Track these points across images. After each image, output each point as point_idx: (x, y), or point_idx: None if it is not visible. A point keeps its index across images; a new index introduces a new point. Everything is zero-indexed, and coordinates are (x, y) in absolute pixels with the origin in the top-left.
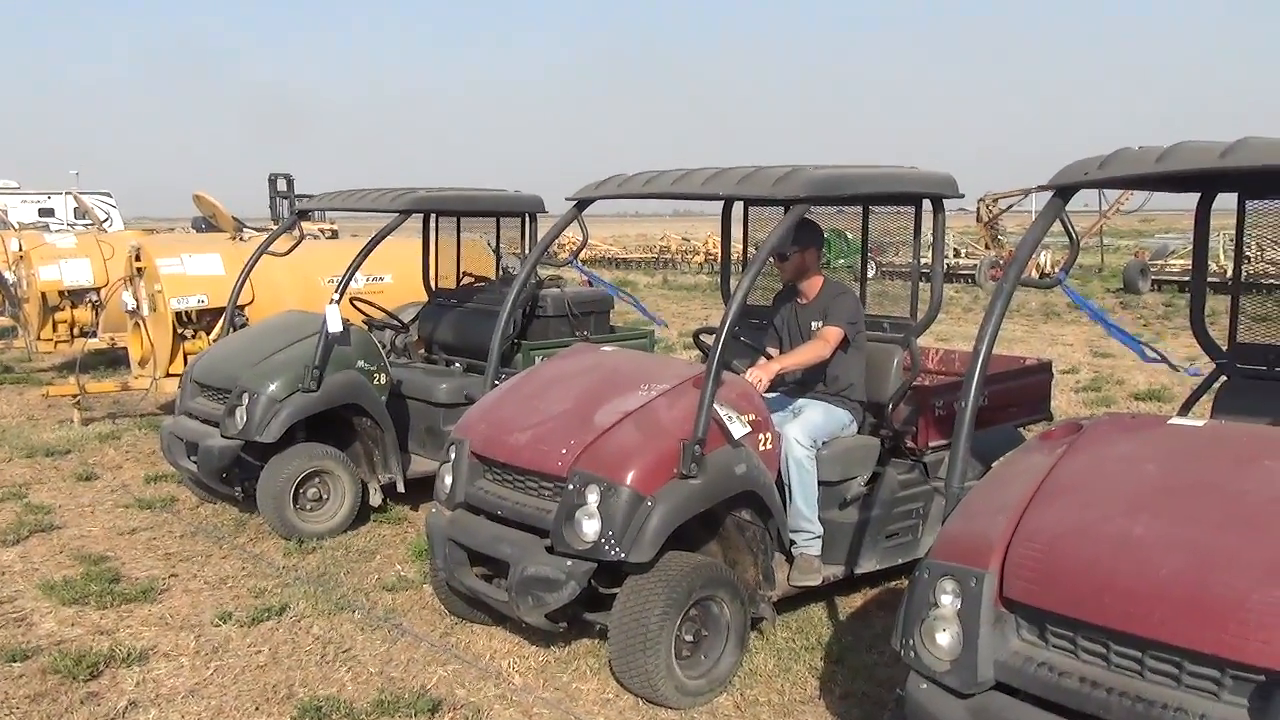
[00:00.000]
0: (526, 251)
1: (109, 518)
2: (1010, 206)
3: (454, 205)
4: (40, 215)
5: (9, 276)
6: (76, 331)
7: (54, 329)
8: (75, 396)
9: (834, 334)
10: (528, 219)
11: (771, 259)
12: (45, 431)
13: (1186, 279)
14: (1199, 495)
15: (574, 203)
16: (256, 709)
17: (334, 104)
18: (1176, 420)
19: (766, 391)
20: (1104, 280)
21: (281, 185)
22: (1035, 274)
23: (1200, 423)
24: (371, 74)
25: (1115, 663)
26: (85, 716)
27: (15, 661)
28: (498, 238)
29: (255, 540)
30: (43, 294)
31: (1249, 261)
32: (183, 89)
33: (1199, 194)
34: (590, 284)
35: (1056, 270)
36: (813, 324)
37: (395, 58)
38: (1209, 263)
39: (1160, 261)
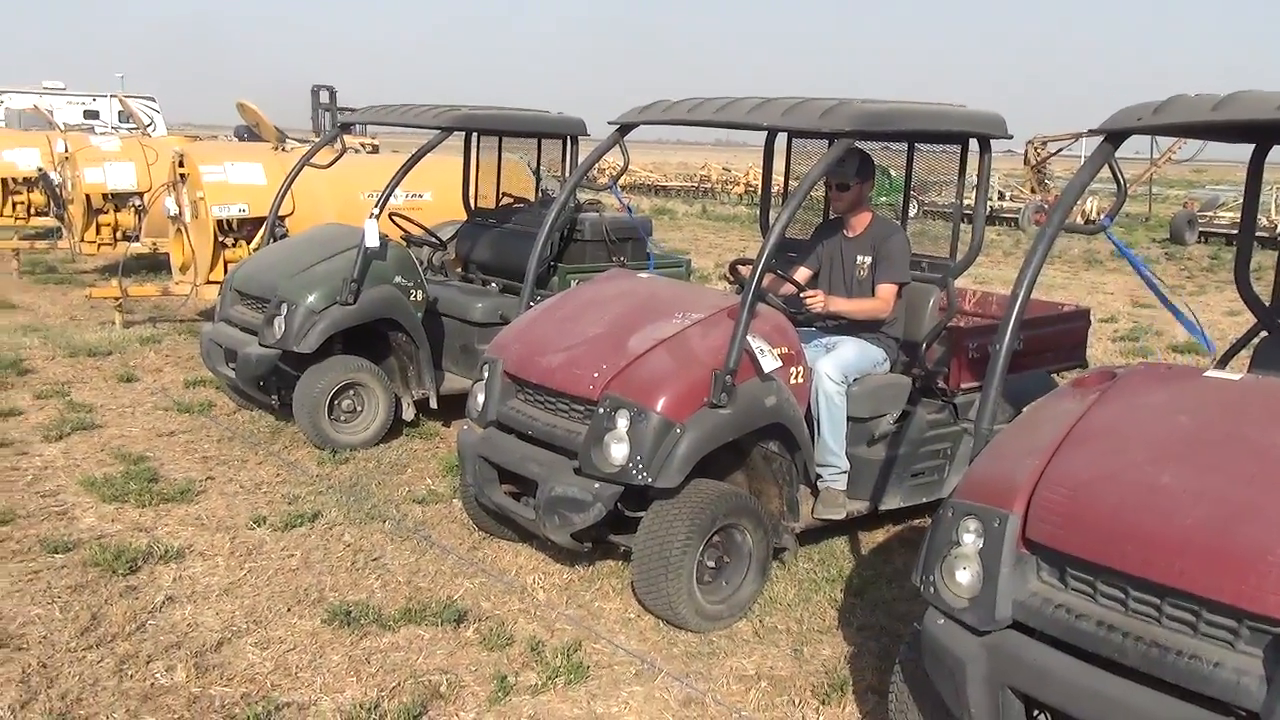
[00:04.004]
0: (567, 174)
1: (148, 419)
2: (1059, 150)
3: (496, 124)
4: (85, 117)
5: (55, 177)
6: (119, 235)
7: (97, 231)
8: (117, 299)
9: (891, 293)
10: (569, 141)
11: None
12: (87, 332)
13: (1235, 232)
14: (1229, 448)
15: (616, 127)
16: (288, 610)
17: (382, 19)
18: (1212, 373)
19: (803, 326)
20: (1150, 230)
21: (324, 97)
22: (1080, 220)
23: (1236, 376)
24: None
25: (1133, 608)
26: (124, 608)
27: (57, 553)
28: (538, 159)
29: (290, 448)
30: (87, 196)
31: None
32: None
33: (1253, 146)
34: (627, 211)
35: (1101, 216)
36: (858, 257)
37: None
38: (1258, 218)
39: (1209, 213)
